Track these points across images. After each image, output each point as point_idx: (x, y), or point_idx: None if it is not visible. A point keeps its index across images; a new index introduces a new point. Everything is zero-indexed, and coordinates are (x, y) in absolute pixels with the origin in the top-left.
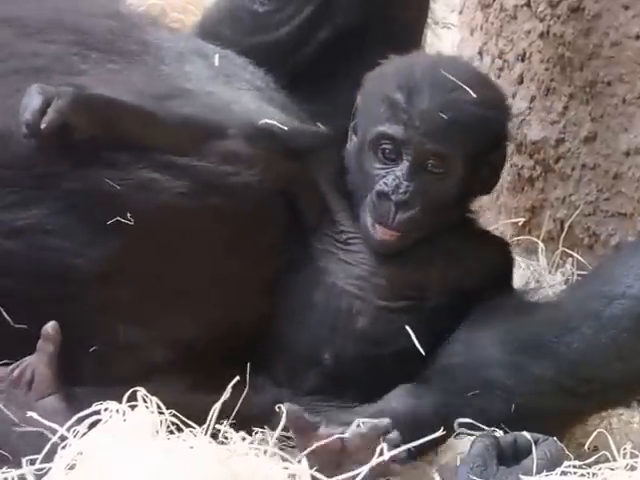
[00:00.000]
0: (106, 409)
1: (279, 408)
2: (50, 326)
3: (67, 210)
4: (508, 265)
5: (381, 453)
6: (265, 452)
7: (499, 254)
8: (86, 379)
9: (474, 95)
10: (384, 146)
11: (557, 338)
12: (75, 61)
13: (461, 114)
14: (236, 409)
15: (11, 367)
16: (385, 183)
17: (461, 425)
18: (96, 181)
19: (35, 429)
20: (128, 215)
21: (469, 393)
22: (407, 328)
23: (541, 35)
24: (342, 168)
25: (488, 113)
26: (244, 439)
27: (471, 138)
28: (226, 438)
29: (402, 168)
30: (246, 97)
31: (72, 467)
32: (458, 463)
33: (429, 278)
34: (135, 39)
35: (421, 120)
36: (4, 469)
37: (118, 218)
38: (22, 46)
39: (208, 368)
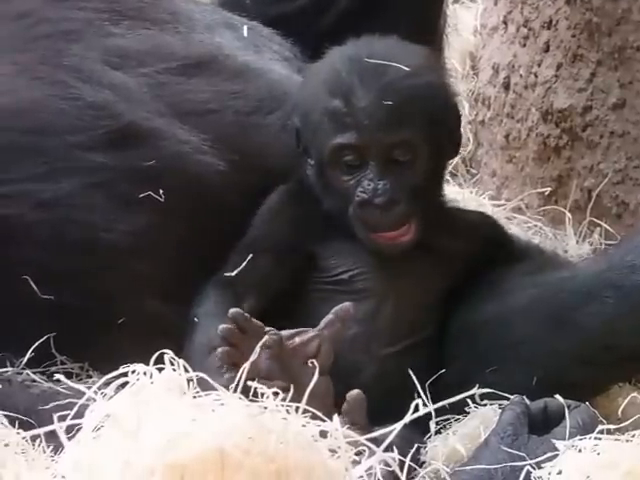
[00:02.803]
0: (133, 371)
1: (312, 363)
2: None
3: (96, 184)
4: (498, 230)
5: (416, 409)
6: (297, 409)
7: (486, 224)
8: (111, 349)
9: (406, 68)
10: (345, 157)
11: (578, 308)
12: (107, 25)
13: (403, 92)
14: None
15: (289, 333)
16: (362, 192)
17: (483, 395)
18: (126, 156)
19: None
20: (160, 192)
21: (490, 366)
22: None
23: (568, 1)
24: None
25: (426, 79)
26: (276, 395)
27: (422, 110)
28: (256, 395)
29: (371, 170)
30: (277, 67)
31: (100, 428)
32: (482, 433)
33: (429, 294)
34: (165, 8)
35: (368, 116)
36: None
37: (150, 193)
38: (51, 12)
39: None
